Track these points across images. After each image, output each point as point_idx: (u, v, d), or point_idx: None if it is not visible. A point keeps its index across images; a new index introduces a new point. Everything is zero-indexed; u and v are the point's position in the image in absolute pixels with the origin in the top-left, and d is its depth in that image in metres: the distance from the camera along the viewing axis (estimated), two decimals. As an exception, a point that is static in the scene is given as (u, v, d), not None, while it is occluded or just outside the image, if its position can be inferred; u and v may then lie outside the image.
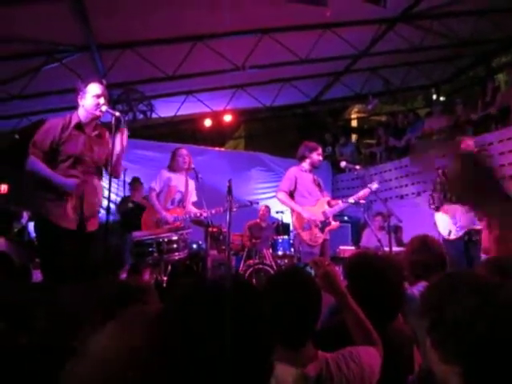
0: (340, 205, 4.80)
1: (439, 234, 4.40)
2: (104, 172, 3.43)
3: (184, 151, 4.83)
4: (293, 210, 4.76)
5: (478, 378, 0.94)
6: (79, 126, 3.21)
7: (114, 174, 3.15)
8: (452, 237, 4.30)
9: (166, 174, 4.78)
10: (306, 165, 4.87)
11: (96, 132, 3.31)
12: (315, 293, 1.52)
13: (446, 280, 1.08)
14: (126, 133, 3.30)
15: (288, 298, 1.45)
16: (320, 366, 1.39)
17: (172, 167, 4.79)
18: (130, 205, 6.18)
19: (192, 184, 4.87)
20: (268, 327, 0.95)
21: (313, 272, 1.80)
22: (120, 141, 3.24)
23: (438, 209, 4.43)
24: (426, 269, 2.32)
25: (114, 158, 3.12)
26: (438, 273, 2.28)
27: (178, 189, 4.77)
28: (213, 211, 4.59)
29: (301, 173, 4.84)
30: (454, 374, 0.96)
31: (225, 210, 4.30)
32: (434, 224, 4.49)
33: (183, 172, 4.80)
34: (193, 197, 4.89)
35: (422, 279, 2.27)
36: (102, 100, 3.19)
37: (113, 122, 3.12)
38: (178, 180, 4.79)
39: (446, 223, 4.37)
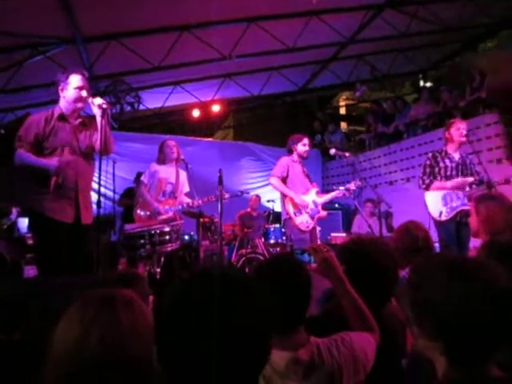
0: (329, 196, 4.94)
1: (430, 215, 4.34)
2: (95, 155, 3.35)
3: (171, 142, 4.80)
4: (285, 196, 4.79)
5: (456, 352, 0.98)
6: (62, 117, 3.19)
7: (104, 153, 3.12)
8: (443, 218, 4.25)
9: (153, 167, 4.76)
10: (295, 156, 4.93)
11: (80, 120, 3.27)
12: (305, 279, 1.52)
13: (425, 261, 1.13)
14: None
15: (277, 284, 1.44)
16: (311, 351, 1.40)
17: (160, 159, 4.77)
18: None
19: (183, 175, 4.84)
20: (261, 316, 0.95)
21: (312, 258, 1.80)
22: (106, 122, 3.16)
23: (428, 188, 4.38)
24: (411, 254, 2.37)
25: (103, 139, 3.07)
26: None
27: (169, 181, 4.74)
28: (205, 199, 4.59)
29: (292, 163, 4.90)
30: (435, 349, 1.01)
31: (216, 199, 4.30)
32: (425, 205, 4.41)
33: (173, 163, 4.77)
34: (185, 187, 4.87)
35: (411, 263, 2.31)
36: (84, 93, 3.15)
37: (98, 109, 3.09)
38: (168, 172, 4.75)
39: (437, 204, 4.32)
